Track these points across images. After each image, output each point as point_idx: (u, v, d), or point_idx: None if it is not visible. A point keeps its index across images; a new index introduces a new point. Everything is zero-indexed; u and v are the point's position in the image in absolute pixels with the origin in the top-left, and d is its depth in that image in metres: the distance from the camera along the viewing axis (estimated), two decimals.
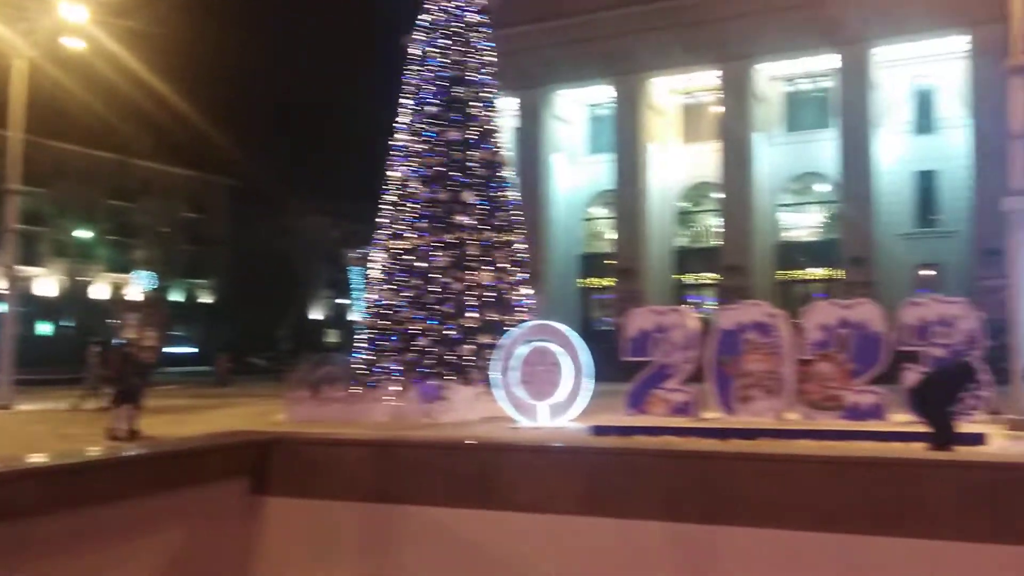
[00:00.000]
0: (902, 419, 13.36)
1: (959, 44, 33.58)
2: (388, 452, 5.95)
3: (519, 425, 15.69)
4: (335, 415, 17.62)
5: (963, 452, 9.45)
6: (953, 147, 34.47)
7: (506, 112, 36.14)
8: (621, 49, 37.41)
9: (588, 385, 15.72)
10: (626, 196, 37.85)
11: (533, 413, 15.71)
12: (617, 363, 16.26)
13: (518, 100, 39.25)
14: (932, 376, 10.68)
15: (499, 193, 20.33)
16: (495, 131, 20.71)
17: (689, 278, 40.62)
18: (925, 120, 36.24)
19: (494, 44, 21.69)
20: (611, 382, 16.89)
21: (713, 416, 14.78)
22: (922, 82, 36.53)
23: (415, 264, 19.55)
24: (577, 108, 42.09)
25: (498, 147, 20.66)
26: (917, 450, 10.24)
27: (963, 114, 33.79)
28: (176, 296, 64.70)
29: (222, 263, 65.01)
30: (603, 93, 39.97)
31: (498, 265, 19.78)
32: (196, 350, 60.02)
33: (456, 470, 5.65)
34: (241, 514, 5.85)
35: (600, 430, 14.08)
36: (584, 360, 15.66)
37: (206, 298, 67.27)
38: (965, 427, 11.04)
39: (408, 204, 20.03)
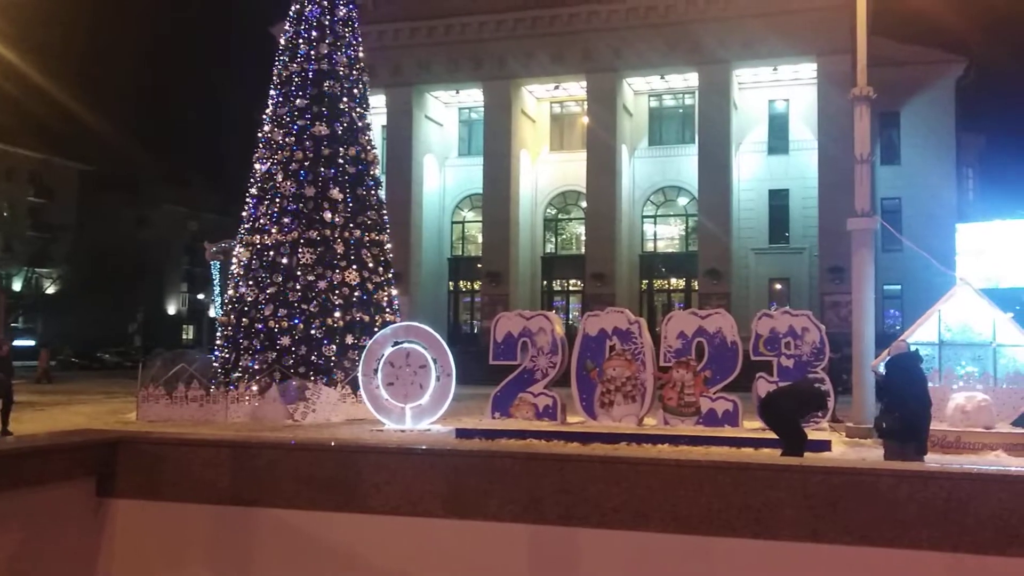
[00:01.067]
0: (754, 425, 13.99)
1: (809, 71, 35.55)
2: (243, 453, 5.72)
3: (383, 428, 15.51)
4: (190, 415, 16.96)
5: (808, 458, 9.96)
6: (804, 168, 36.43)
7: (377, 109, 35.76)
8: (493, 54, 37.70)
9: (453, 388, 15.71)
10: (495, 200, 38.08)
11: (398, 416, 15.56)
12: (484, 366, 16.34)
13: (389, 98, 38.87)
14: (785, 392, 11.19)
15: (368, 191, 20.04)
16: (365, 128, 20.41)
17: (556, 284, 41.29)
18: (779, 141, 38.15)
19: (365, 39, 21.41)
20: (478, 385, 16.95)
21: (577, 421, 15.06)
22: (777, 104, 38.46)
23: (279, 260, 19.02)
24: (449, 110, 42.09)
25: (368, 144, 20.37)
26: (767, 455, 10.71)
27: (813, 137, 35.75)
28: (16, 285, 60.57)
29: (70, 252, 61.27)
30: (475, 96, 40.11)
31: (365, 264, 19.49)
32: (34, 343, 56.40)
33: (314, 472, 5.49)
34: (86, 517, 5.49)
35: (464, 433, 14.09)
36: (450, 363, 15.64)
37: (51, 289, 63.32)
38: (811, 435, 11.63)
39: (272, 198, 19.47)
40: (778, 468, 5.18)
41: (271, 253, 19.12)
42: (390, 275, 20.33)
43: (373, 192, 20.26)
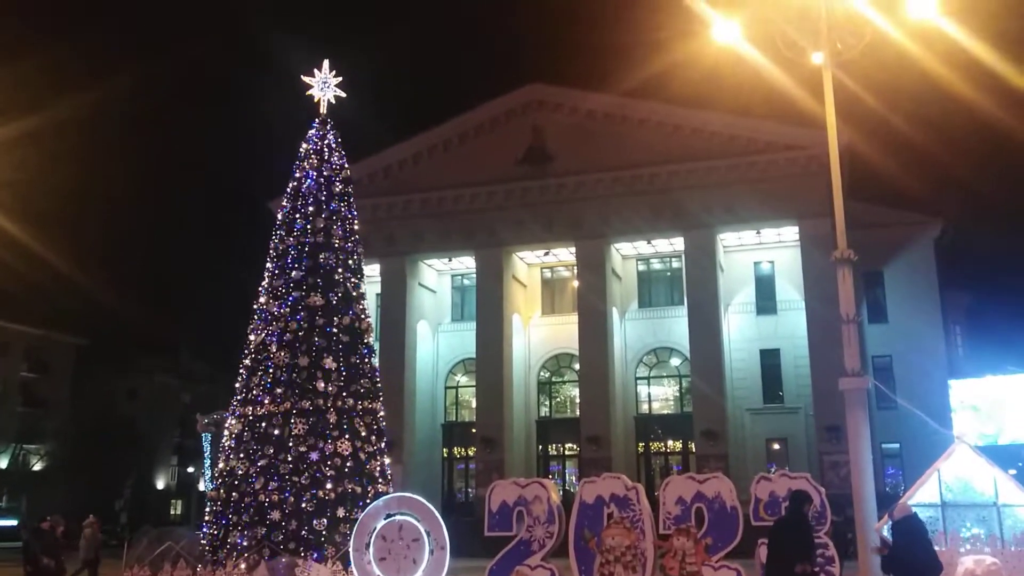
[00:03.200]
0: None
1: (792, 234, 36.63)
2: None
3: None
4: None
5: None
6: (793, 327, 36.88)
7: (371, 278, 36.46)
8: (484, 223, 38.89)
9: (448, 562, 15.20)
10: (489, 365, 38.21)
11: None
12: (480, 537, 15.88)
13: (383, 267, 39.74)
14: (771, 540, 10.83)
15: (361, 359, 20.11)
16: (359, 297, 20.72)
17: (552, 449, 40.79)
18: (767, 301, 38.82)
19: (360, 212, 22.09)
20: (473, 558, 16.40)
21: None
22: (762, 266, 39.39)
23: (270, 432, 18.82)
24: (442, 277, 42.95)
25: (362, 313, 20.62)
26: None
27: (799, 297, 36.39)
28: (3, 463, 59.39)
29: (59, 427, 60.47)
30: (467, 263, 41.04)
31: (358, 433, 19.30)
32: (15, 523, 54.64)
33: None
34: None
35: None
36: (444, 535, 15.19)
37: (38, 465, 62.05)
38: None
39: (266, 369, 19.51)
40: None
41: (263, 424, 18.95)
42: (383, 444, 20.06)
43: (367, 360, 20.31)
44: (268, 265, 20.76)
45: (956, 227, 41.48)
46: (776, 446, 37.35)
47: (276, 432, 18.73)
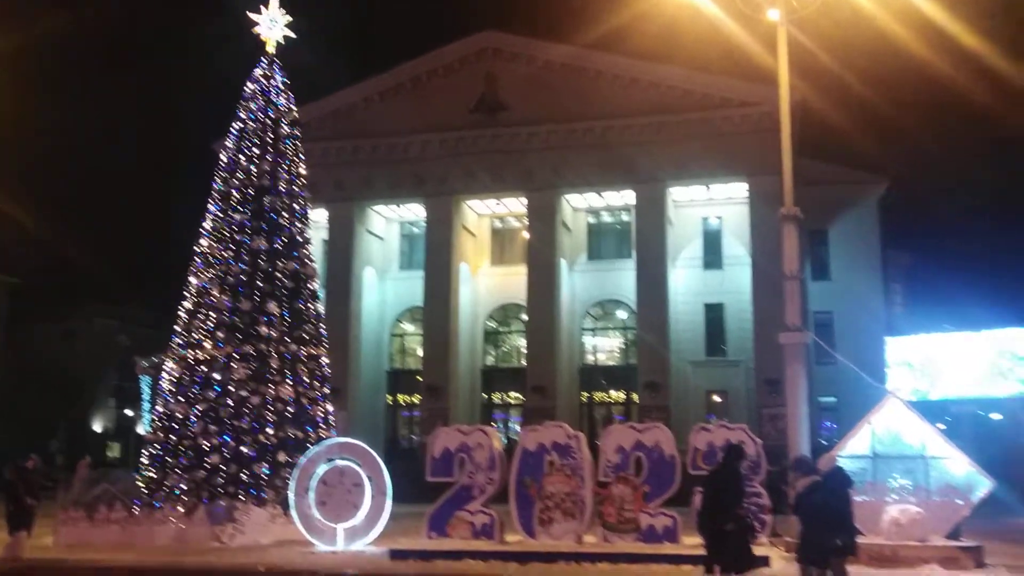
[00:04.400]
0: (694, 541, 13.82)
1: (741, 190, 36.94)
2: None
3: (315, 550, 14.94)
4: (112, 538, 16.17)
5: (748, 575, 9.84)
6: (738, 282, 37.35)
7: (318, 224, 35.95)
8: (435, 171, 38.49)
9: (389, 507, 15.28)
10: (436, 314, 38.13)
11: (330, 536, 15.03)
12: (422, 483, 15.98)
13: (331, 212, 39.21)
14: (705, 489, 11.04)
15: (305, 305, 19.89)
16: (304, 242, 20.42)
17: (496, 398, 41.07)
18: (713, 256, 39.22)
19: (308, 156, 21.67)
20: (415, 503, 16.51)
21: (515, 539, 14.72)
22: (711, 221, 39.72)
23: (211, 376, 18.58)
24: (391, 224, 42.53)
25: (307, 259, 20.35)
26: (698, 574, 10.56)
27: (746, 253, 36.83)
28: None
29: None
30: (417, 211, 40.68)
31: (301, 379, 19.16)
32: None
33: None
34: None
35: (399, 555, 13.66)
36: (385, 481, 15.25)
37: None
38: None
39: (207, 312, 19.19)
40: None
41: (204, 368, 18.70)
42: (326, 390, 19.98)
43: (311, 306, 20.10)
44: (210, 207, 20.32)
45: (901, 186, 42.27)
46: (717, 398, 38.09)
47: (217, 376, 18.51)
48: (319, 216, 36.98)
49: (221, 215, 19.93)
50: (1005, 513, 20.45)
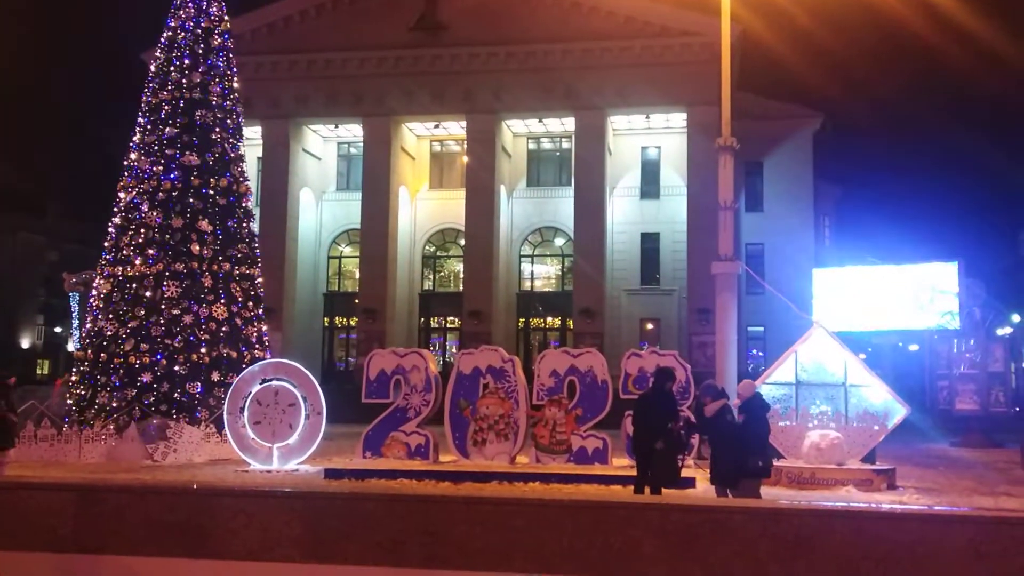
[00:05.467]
0: (623, 463, 14.25)
1: (680, 120, 37.05)
2: (89, 498, 5.41)
3: (249, 468, 14.98)
4: (39, 455, 15.95)
5: (667, 495, 10.20)
6: (674, 213, 37.78)
7: (252, 141, 35.07)
8: (373, 90, 37.64)
9: (324, 427, 15.36)
10: (373, 236, 37.78)
11: (264, 456, 15.08)
12: (358, 404, 16.08)
13: (266, 129, 38.20)
14: (636, 411, 11.38)
15: (239, 223, 19.54)
16: (238, 159, 19.96)
17: (434, 322, 41.20)
18: (651, 186, 39.48)
19: (242, 70, 21.03)
20: (351, 424, 16.63)
21: (449, 459, 14.97)
22: (649, 151, 39.87)
23: (141, 293, 18.24)
24: (328, 144, 41.69)
25: (240, 176, 19.91)
26: (630, 493, 10.91)
27: (683, 183, 37.16)
28: None
29: None
30: (355, 131, 39.90)
31: (234, 299, 18.93)
32: None
33: (166, 517, 5.24)
34: None
35: (334, 474, 13.77)
36: (321, 401, 15.29)
37: None
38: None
39: (137, 228, 18.73)
40: (638, 507, 5.27)
41: (134, 285, 18.34)
42: (260, 310, 19.81)
43: (244, 224, 19.76)
44: (140, 120, 19.68)
45: (835, 122, 42.82)
46: (650, 326, 38.80)
47: (148, 294, 18.21)
48: (253, 133, 36.02)
49: (150, 128, 19.32)
50: (918, 438, 21.50)
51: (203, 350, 18.02)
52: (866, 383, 14.60)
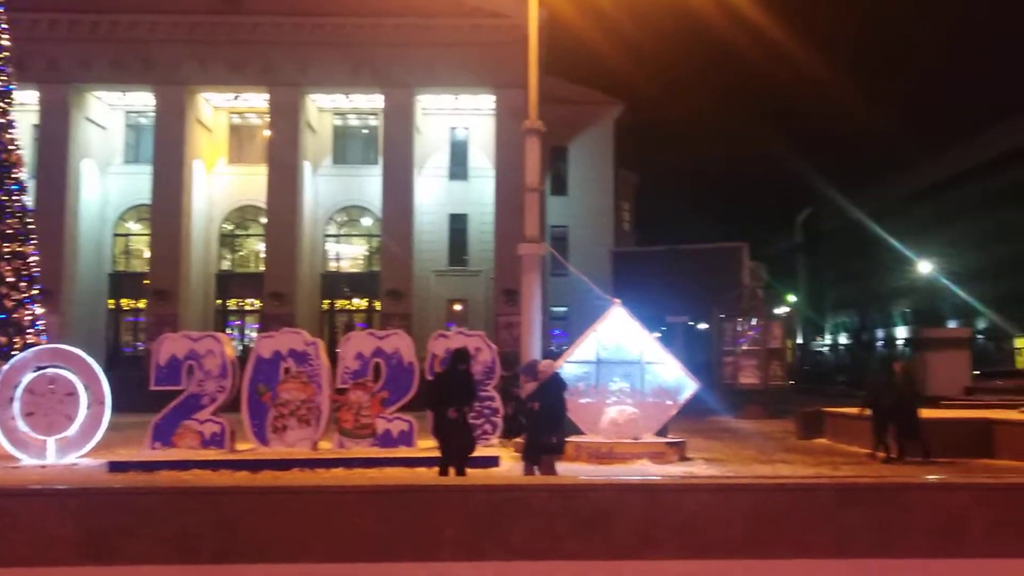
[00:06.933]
0: (429, 444, 14.18)
1: (488, 102, 37.35)
2: None
3: (19, 464, 13.69)
4: None
5: (470, 476, 10.23)
6: (482, 194, 38.10)
7: (27, 107, 32.05)
8: (166, 57, 35.28)
9: (108, 417, 14.26)
10: (165, 213, 35.51)
11: (38, 450, 13.82)
12: (147, 392, 15.06)
13: (43, 95, 34.96)
14: (432, 390, 11.40)
15: (9, 196, 17.78)
16: (7, 125, 18.14)
17: (232, 304, 39.43)
18: (459, 167, 39.64)
19: (13, 27, 19.10)
20: (140, 413, 15.56)
21: (247, 448, 14.33)
22: (458, 132, 39.97)
23: None
24: (115, 113, 38.74)
25: (10, 144, 18.10)
26: (431, 476, 10.86)
27: (491, 165, 37.53)
28: None
29: None
30: (145, 100, 37.30)
31: (4, 279, 17.22)
32: None
33: None
34: None
35: (119, 467, 12.87)
36: (104, 390, 14.18)
37: None
38: (480, 451, 11.94)
39: None
40: (440, 489, 5.17)
41: None
42: (35, 291, 18.14)
43: (16, 198, 18.02)
44: None
45: (636, 110, 44.71)
46: (458, 307, 39.05)
47: None
48: (28, 98, 32.87)
49: None
50: (706, 412, 22.87)
51: None
52: (661, 360, 15.32)
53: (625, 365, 15.16)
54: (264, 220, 37.22)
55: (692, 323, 40.42)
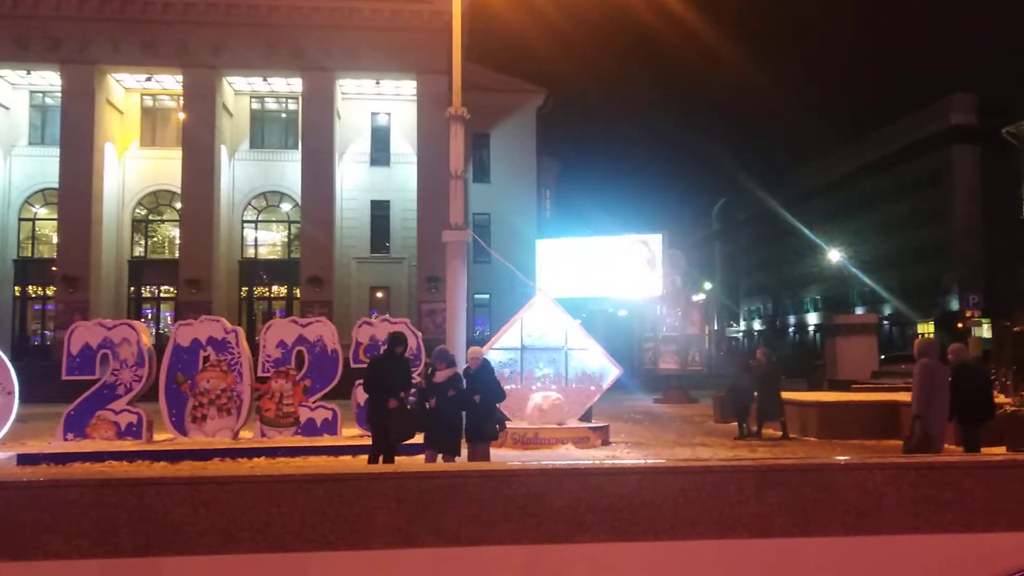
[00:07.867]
0: (353, 432, 14.08)
1: (410, 88, 37.05)
2: None
3: None
4: None
5: (401, 463, 10.21)
6: (404, 180, 37.81)
7: None
8: (73, 34, 33.96)
9: (16, 408, 13.73)
10: (74, 197, 34.22)
11: None
12: (58, 382, 14.55)
13: None
14: (369, 375, 11.24)
15: None
16: None
17: (146, 291, 38.31)
18: (381, 153, 39.23)
19: None
20: (50, 404, 15.04)
21: (165, 438, 14.00)
22: (380, 117, 39.53)
23: None
24: (18, 92, 37.11)
25: None
26: (359, 464, 10.80)
27: (413, 151, 37.27)
28: None
29: None
30: (51, 79, 35.82)
31: None
32: None
33: None
34: None
35: (29, 459, 12.42)
36: (11, 379, 13.65)
37: None
38: (417, 439, 11.88)
39: None
40: (372, 476, 5.15)
41: None
42: None
43: None
44: None
45: (557, 98, 44.94)
46: (380, 294, 38.73)
47: None
48: None
49: None
50: (628, 396, 23.29)
51: None
52: (584, 347, 15.51)
53: (550, 351, 15.31)
54: (179, 205, 36.23)
55: (611, 309, 41.00)
